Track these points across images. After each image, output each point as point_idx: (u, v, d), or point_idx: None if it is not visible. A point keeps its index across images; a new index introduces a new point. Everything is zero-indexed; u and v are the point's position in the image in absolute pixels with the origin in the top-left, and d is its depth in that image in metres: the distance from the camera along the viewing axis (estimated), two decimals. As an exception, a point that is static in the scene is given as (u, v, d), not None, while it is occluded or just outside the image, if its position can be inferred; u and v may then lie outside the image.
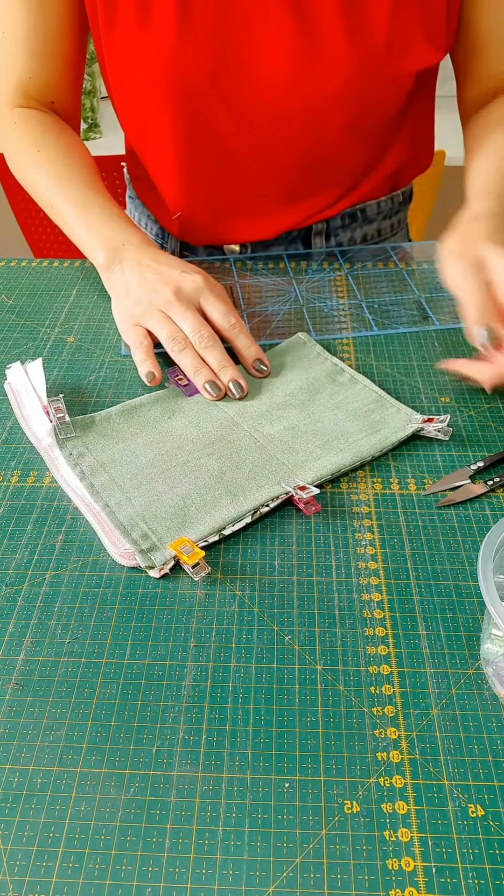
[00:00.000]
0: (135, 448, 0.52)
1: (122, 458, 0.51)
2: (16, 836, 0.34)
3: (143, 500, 0.48)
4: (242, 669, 0.40)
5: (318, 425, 0.53)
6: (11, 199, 1.43)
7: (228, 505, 0.47)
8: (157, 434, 0.53)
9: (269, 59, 0.63)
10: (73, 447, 0.52)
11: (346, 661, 0.40)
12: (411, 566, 0.45)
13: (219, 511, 0.47)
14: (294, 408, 0.55)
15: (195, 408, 0.55)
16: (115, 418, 0.55)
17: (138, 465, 0.50)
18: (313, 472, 0.49)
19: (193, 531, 0.45)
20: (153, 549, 0.45)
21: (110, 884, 0.32)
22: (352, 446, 0.51)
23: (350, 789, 0.35)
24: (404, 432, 0.52)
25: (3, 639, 0.42)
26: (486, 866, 0.32)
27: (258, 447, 0.51)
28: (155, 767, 0.36)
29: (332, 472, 0.49)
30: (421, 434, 0.53)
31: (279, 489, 0.48)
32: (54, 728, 0.37)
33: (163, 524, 0.46)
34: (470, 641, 0.41)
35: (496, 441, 0.53)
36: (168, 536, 0.45)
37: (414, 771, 0.35)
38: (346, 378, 0.58)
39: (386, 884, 0.32)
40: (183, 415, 0.55)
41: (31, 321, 0.68)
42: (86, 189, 0.67)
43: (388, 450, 0.51)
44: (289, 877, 0.32)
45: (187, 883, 0.32)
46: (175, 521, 0.46)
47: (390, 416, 0.53)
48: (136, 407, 0.56)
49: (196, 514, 0.47)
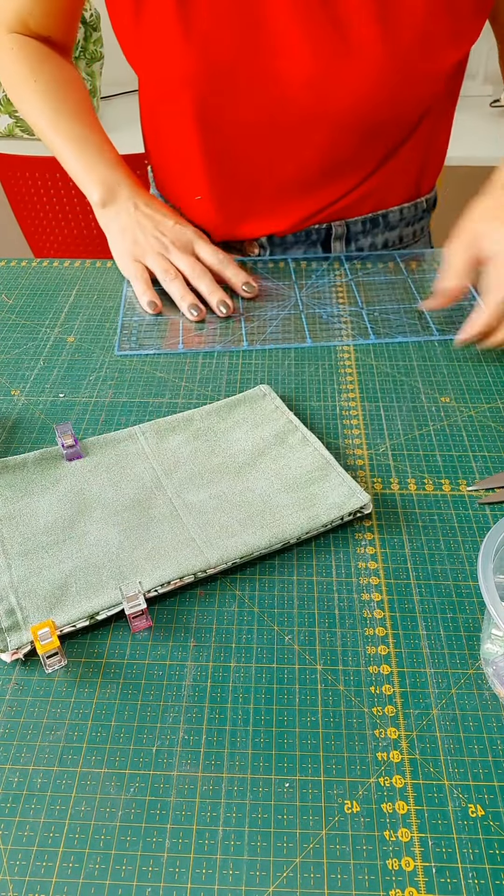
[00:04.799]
0: (36, 508, 0.47)
1: (20, 516, 0.47)
2: (16, 836, 0.34)
3: (24, 570, 0.43)
4: (242, 669, 0.40)
5: (247, 494, 0.48)
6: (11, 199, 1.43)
7: (112, 590, 0.42)
8: (68, 492, 0.48)
9: (296, 54, 0.63)
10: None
11: (346, 661, 0.40)
12: (411, 566, 0.45)
13: (100, 595, 0.42)
14: (229, 472, 0.50)
15: (122, 461, 0.51)
16: (30, 466, 0.50)
17: (33, 528, 0.46)
18: (220, 552, 0.44)
19: (64, 614, 0.41)
20: (14, 628, 0.40)
21: (110, 884, 0.32)
22: (276, 523, 0.45)
23: (350, 789, 0.35)
24: (339, 511, 0.46)
25: (3, 639, 0.41)
26: (486, 866, 0.32)
27: (173, 517, 0.46)
28: (155, 767, 0.36)
29: (243, 554, 0.44)
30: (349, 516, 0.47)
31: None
32: (54, 728, 0.37)
33: (34, 601, 0.42)
34: (470, 641, 0.41)
35: (496, 441, 0.53)
36: (36, 616, 0.41)
37: (414, 771, 0.35)
38: (297, 439, 0.52)
39: (386, 884, 0.32)
40: (105, 470, 0.50)
41: (31, 321, 0.68)
42: (82, 125, 0.71)
43: (316, 532, 0.46)
44: (289, 877, 0.32)
45: (187, 883, 0.32)
46: (49, 599, 0.42)
47: (330, 489, 0.48)
48: (55, 457, 0.51)
49: (75, 595, 0.42)
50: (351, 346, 0.63)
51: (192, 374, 0.61)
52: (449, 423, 0.55)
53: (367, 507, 0.47)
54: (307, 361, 0.62)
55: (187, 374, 0.61)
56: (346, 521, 0.47)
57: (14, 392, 0.59)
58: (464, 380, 0.59)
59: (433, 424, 0.55)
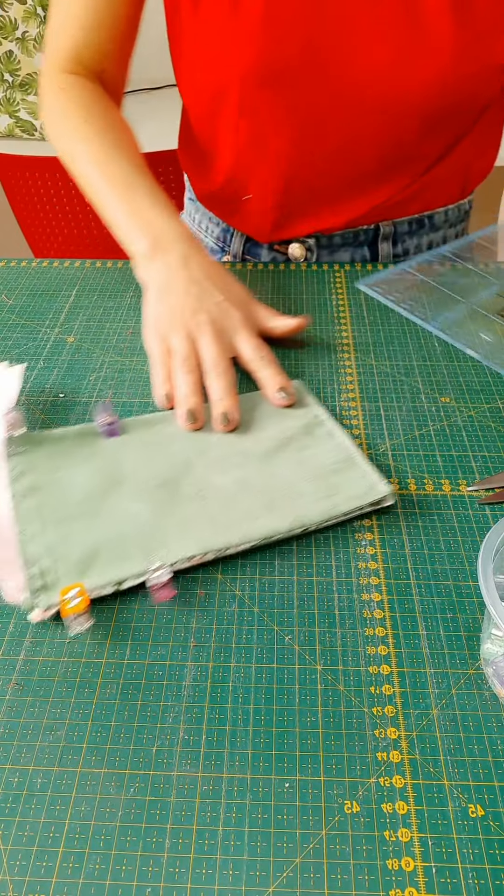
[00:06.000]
0: (73, 479, 0.49)
1: (58, 485, 0.49)
2: (16, 836, 0.34)
3: (57, 536, 0.45)
4: (242, 669, 0.40)
5: (271, 480, 0.49)
6: (11, 199, 1.43)
7: (138, 560, 0.44)
8: (103, 466, 0.50)
9: (368, 43, 0.61)
10: (17, 463, 0.50)
11: (346, 661, 0.40)
12: (411, 566, 0.45)
13: (126, 565, 0.44)
14: (255, 458, 0.51)
15: (156, 441, 0.53)
16: (70, 440, 0.52)
17: (69, 498, 0.48)
18: (242, 532, 0.45)
19: (92, 579, 0.43)
20: (44, 589, 0.42)
21: (110, 884, 0.32)
22: (296, 510, 0.47)
23: (350, 789, 0.35)
24: (359, 502, 0.47)
25: (3, 639, 0.42)
26: (486, 866, 0.32)
27: (199, 497, 0.48)
28: (155, 767, 0.36)
29: (263, 536, 0.45)
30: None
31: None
32: (54, 728, 0.37)
33: (65, 566, 0.44)
34: (470, 641, 0.41)
35: (496, 441, 0.53)
36: (66, 579, 0.43)
37: (414, 771, 0.35)
38: (324, 432, 0.53)
39: (386, 884, 0.32)
40: (140, 448, 0.52)
41: (31, 321, 0.68)
42: (133, 170, 0.64)
43: (337, 520, 0.47)
44: (289, 877, 0.32)
45: (187, 883, 0.32)
46: (79, 565, 0.44)
47: (353, 481, 0.49)
48: (94, 433, 0.53)
49: (103, 563, 0.44)
50: (352, 347, 0.63)
51: (192, 374, 0.60)
52: (449, 423, 0.55)
53: (387, 498, 0.48)
54: (307, 361, 0.62)
55: (187, 374, 0.60)
56: (345, 522, 0.47)
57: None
58: (464, 380, 0.59)
59: (433, 424, 0.55)
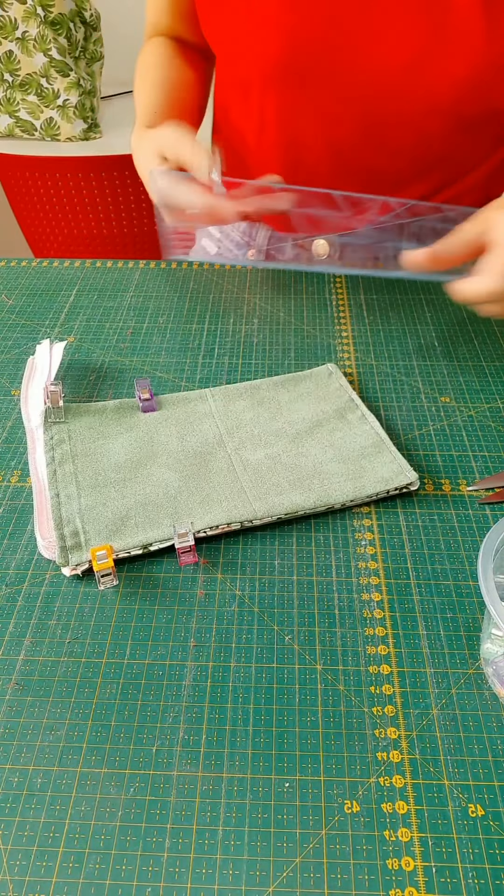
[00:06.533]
0: (109, 449, 0.52)
1: (94, 454, 0.51)
2: (16, 836, 0.34)
3: (91, 500, 0.48)
4: (242, 669, 0.40)
5: (300, 459, 0.51)
6: (11, 199, 1.43)
7: (166, 527, 0.46)
8: (138, 439, 0.53)
9: (390, 39, 0.60)
10: (56, 432, 0.53)
11: (346, 661, 0.40)
12: (411, 566, 0.45)
13: (155, 530, 0.46)
14: (287, 436, 0.53)
15: (190, 418, 0.55)
16: (108, 413, 0.55)
17: (104, 465, 0.51)
18: (267, 506, 0.47)
19: (121, 541, 0.45)
20: (76, 548, 0.45)
21: (110, 884, 0.32)
22: (322, 488, 0.48)
23: (350, 789, 0.35)
24: (385, 485, 0.48)
25: (3, 639, 0.42)
26: (486, 866, 0.32)
27: (228, 471, 0.50)
28: (155, 767, 0.36)
29: (288, 511, 0.47)
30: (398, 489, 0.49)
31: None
32: (54, 728, 0.37)
33: (97, 527, 0.46)
34: (470, 641, 0.41)
35: (496, 441, 0.53)
36: (96, 540, 0.45)
37: (414, 771, 0.35)
38: (356, 416, 0.54)
39: (386, 884, 0.32)
40: (174, 423, 0.54)
41: (31, 321, 0.68)
42: (154, 83, 0.73)
43: (361, 501, 0.48)
44: (289, 877, 0.32)
45: (187, 883, 0.32)
46: (110, 527, 0.46)
47: (380, 465, 0.50)
48: (131, 408, 0.56)
49: (133, 527, 0.46)
50: (352, 347, 0.63)
51: (191, 374, 0.61)
52: (449, 423, 0.55)
53: (413, 484, 0.49)
54: (307, 361, 0.62)
55: (187, 374, 0.61)
56: (345, 522, 0.47)
57: (14, 392, 0.59)
58: (464, 380, 0.59)
59: (433, 424, 0.55)
